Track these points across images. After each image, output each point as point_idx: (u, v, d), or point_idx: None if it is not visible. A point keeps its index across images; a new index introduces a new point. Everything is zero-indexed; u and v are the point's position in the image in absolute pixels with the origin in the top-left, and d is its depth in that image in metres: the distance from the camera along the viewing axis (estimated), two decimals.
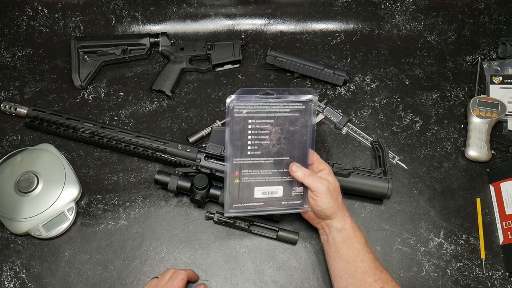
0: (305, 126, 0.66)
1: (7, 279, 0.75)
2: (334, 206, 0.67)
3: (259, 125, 0.65)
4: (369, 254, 0.67)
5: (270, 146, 0.66)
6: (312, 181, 0.66)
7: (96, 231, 0.79)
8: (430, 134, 0.89)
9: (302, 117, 0.66)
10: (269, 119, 0.65)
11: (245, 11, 0.99)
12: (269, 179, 0.68)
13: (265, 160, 0.67)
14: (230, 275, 0.76)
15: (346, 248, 0.67)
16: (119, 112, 0.90)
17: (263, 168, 0.67)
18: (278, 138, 0.66)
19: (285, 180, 0.68)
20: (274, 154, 0.67)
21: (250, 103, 0.64)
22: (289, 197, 0.69)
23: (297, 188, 0.68)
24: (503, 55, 0.95)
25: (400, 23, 0.99)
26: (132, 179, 0.84)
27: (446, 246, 0.79)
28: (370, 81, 0.94)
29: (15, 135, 0.87)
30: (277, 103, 0.65)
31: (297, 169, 0.67)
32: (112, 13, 0.98)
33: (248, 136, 0.65)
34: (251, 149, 0.66)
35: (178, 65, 0.92)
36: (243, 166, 0.67)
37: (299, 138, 0.67)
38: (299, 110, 0.66)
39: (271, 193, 0.68)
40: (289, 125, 0.66)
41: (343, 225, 0.68)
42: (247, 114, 0.64)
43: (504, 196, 0.80)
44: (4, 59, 0.95)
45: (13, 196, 0.77)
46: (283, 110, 0.65)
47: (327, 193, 0.66)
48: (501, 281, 0.76)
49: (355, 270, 0.66)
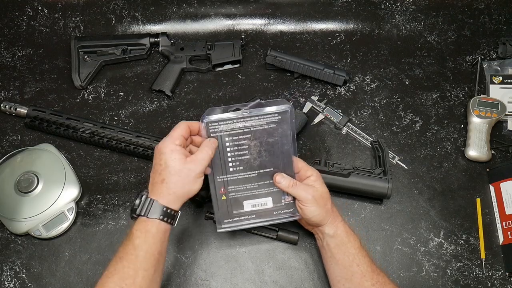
0: (284, 136, 0.65)
1: (7, 279, 0.75)
2: (321, 213, 0.66)
3: (237, 141, 0.65)
4: (365, 258, 0.66)
5: (251, 160, 0.66)
6: (297, 191, 0.65)
7: (96, 231, 0.79)
8: (430, 134, 0.89)
9: (279, 127, 0.65)
10: (246, 134, 0.65)
11: (245, 11, 0.99)
12: (257, 191, 0.68)
13: (249, 174, 0.67)
14: (230, 275, 0.76)
15: (341, 253, 0.66)
16: (119, 112, 0.90)
17: (248, 182, 0.67)
18: (258, 151, 0.66)
19: (273, 190, 0.68)
20: (257, 167, 0.66)
21: (224, 121, 0.64)
22: (280, 207, 0.69)
23: (286, 197, 0.68)
24: (503, 55, 0.95)
25: (400, 23, 0.99)
26: (132, 179, 0.84)
27: (446, 246, 0.79)
28: (370, 81, 0.94)
29: (15, 135, 0.87)
30: (252, 118, 0.64)
31: (281, 179, 0.66)
32: (112, 13, 0.98)
33: (227, 153, 0.65)
34: (232, 165, 0.66)
35: (178, 65, 0.92)
36: (227, 182, 0.67)
37: (280, 148, 0.66)
38: (276, 121, 0.65)
39: (261, 205, 0.68)
40: (267, 137, 0.65)
41: (335, 231, 0.67)
42: (223, 132, 0.64)
43: (504, 196, 0.80)
44: (4, 59, 0.95)
45: (13, 196, 0.77)
46: (259, 124, 0.64)
47: (312, 202, 0.65)
48: (501, 281, 0.76)
49: (352, 275, 0.65)
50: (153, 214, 0.59)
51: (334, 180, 0.78)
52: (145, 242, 0.59)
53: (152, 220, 0.59)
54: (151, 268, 0.58)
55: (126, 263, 0.58)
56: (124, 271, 0.57)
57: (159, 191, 0.60)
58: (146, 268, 0.58)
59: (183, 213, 0.81)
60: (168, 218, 0.60)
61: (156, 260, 0.59)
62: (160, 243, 0.60)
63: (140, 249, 0.58)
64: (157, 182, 0.61)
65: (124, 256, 0.58)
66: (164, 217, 0.60)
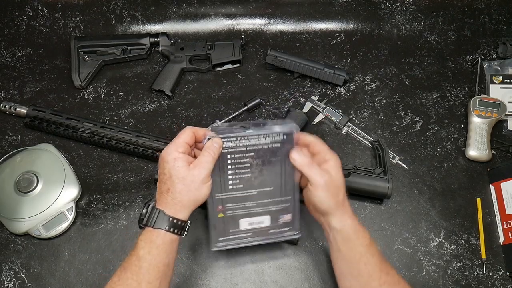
0: (287, 155, 0.63)
1: (7, 279, 0.75)
2: (330, 202, 0.61)
3: (239, 159, 0.62)
4: (374, 257, 0.62)
5: (252, 178, 0.64)
6: (309, 171, 0.61)
7: (96, 231, 0.79)
8: (430, 134, 0.89)
9: (284, 148, 0.63)
10: (249, 153, 0.62)
11: (245, 11, 0.99)
12: (254, 210, 0.66)
13: (249, 192, 0.64)
14: (230, 275, 0.76)
15: (348, 249, 0.63)
16: (119, 112, 0.90)
17: (247, 201, 0.65)
18: (260, 169, 0.63)
19: (271, 209, 0.66)
20: (258, 185, 0.64)
21: (228, 139, 0.61)
22: (277, 226, 0.67)
23: (284, 216, 0.67)
24: (503, 55, 0.95)
25: (400, 23, 0.99)
26: (132, 179, 0.83)
27: (447, 246, 0.79)
28: (370, 81, 0.94)
29: (15, 135, 0.87)
30: (256, 136, 0.62)
31: (297, 155, 0.62)
32: (112, 13, 0.98)
33: (228, 171, 0.63)
34: (232, 183, 0.64)
35: (178, 65, 0.92)
36: (226, 200, 0.64)
37: (283, 167, 0.64)
38: (280, 141, 0.63)
39: (258, 223, 0.67)
40: (270, 156, 0.63)
41: (342, 226, 0.62)
42: (226, 149, 0.61)
43: (505, 196, 0.80)
44: (4, 59, 0.95)
45: (12, 196, 0.77)
46: (263, 142, 0.62)
47: (323, 188, 0.60)
48: (502, 281, 0.76)
49: (358, 273, 0.62)
50: (159, 224, 0.57)
51: None
52: (149, 253, 0.57)
53: (158, 230, 0.57)
54: (156, 280, 0.56)
55: (130, 274, 0.56)
56: (127, 283, 0.56)
57: (165, 201, 0.59)
58: (149, 280, 0.56)
59: None
60: (176, 229, 0.58)
61: (161, 272, 0.57)
62: (166, 254, 0.58)
63: (144, 260, 0.56)
64: (162, 192, 0.59)
65: (128, 266, 0.57)
66: (170, 228, 0.58)
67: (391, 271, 0.63)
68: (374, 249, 0.63)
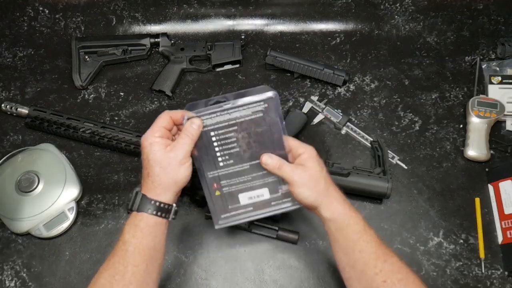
0: (273, 124, 0.61)
1: (8, 278, 0.76)
2: (312, 195, 0.60)
3: (224, 135, 0.62)
4: (368, 244, 0.60)
5: (241, 152, 0.63)
6: (283, 172, 0.61)
7: (97, 230, 0.79)
8: (430, 134, 0.89)
9: (266, 116, 0.61)
10: (232, 126, 0.61)
11: (245, 11, 0.99)
12: (251, 183, 0.65)
13: (241, 166, 0.64)
14: (230, 275, 0.76)
15: (342, 238, 0.61)
16: (119, 112, 0.90)
17: (241, 175, 0.64)
18: (247, 143, 0.62)
19: (268, 181, 0.65)
20: (248, 158, 0.63)
21: (207, 115, 0.60)
22: (278, 197, 0.66)
23: (283, 187, 0.65)
24: (502, 56, 0.96)
25: (399, 23, 1.00)
26: (132, 179, 0.84)
27: (446, 246, 0.79)
28: (370, 81, 0.95)
29: (16, 135, 0.87)
30: (236, 109, 0.60)
31: (268, 159, 0.62)
32: (113, 14, 0.98)
33: (215, 148, 0.62)
34: (222, 160, 0.63)
35: (178, 65, 0.93)
36: (219, 177, 0.64)
37: (270, 137, 0.62)
38: (262, 110, 0.61)
39: (258, 197, 0.66)
40: (255, 127, 0.61)
41: (332, 214, 0.61)
42: (208, 127, 0.61)
43: (503, 195, 0.80)
44: (5, 60, 0.95)
45: (13, 195, 0.78)
46: (244, 114, 0.61)
47: (299, 183, 0.60)
48: (500, 280, 0.76)
49: (355, 261, 0.60)
50: (142, 208, 0.58)
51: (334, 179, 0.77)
52: (133, 237, 0.57)
53: (141, 214, 0.58)
54: (142, 263, 0.57)
55: (117, 258, 0.57)
56: (115, 267, 0.56)
57: (146, 185, 0.59)
58: (136, 263, 0.56)
59: (183, 212, 0.81)
60: (159, 211, 0.58)
61: (147, 255, 0.57)
62: (151, 237, 0.58)
63: (129, 244, 0.57)
64: (144, 177, 0.60)
65: (116, 251, 0.58)
66: (154, 211, 0.58)
67: (390, 259, 0.60)
68: (369, 235, 0.61)
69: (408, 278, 0.59)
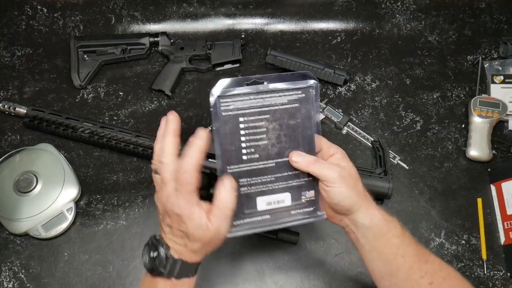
0: (307, 118, 0.54)
1: (6, 279, 0.75)
2: (352, 195, 0.53)
3: (253, 123, 0.53)
4: (409, 247, 0.55)
5: (269, 146, 0.54)
6: (319, 168, 0.53)
7: (96, 231, 0.79)
8: (431, 134, 0.89)
9: (303, 107, 0.54)
10: (264, 114, 0.53)
11: (245, 10, 0.99)
12: (273, 186, 0.56)
13: (265, 164, 0.55)
14: (230, 275, 0.76)
15: (382, 246, 0.55)
16: (118, 111, 0.90)
17: (264, 174, 0.55)
18: (277, 135, 0.54)
19: (291, 184, 0.56)
20: (275, 155, 0.55)
21: (239, 97, 0.52)
22: (299, 205, 0.57)
23: (307, 193, 0.57)
24: (504, 55, 0.95)
25: (400, 22, 0.99)
26: (131, 179, 0.83)
27: (447, 246, 0.79)
28: (371, 81, 0.94)
29: (14, 135, 0.87)
30: (271, 94, 0.53)
31: (298, 157, 0.54)
32: (112, 13, 0.97)
33: (241, 137, 0.53)
34: (247, 153, 0.54)
35: (178, 65, 0.92)
36: (240, 174, 0.54)
37: (303, 132, 0.54)
38: (299, 100, 0.53)
39: (278, 203, 0.56)
40: (288, 118, 0.54)
41: (371, 220, 0.54)
42: (237, 111, 0.53)
43: (505, 196, 0.79)
44: (3, 59, 0.94)
45: (12, 196, 0.77)
46: (279, 102, 0.53)
47: (340, 181, 0.53)
48: (503, 282, 0.76)
49: (397, 268, 0.55)
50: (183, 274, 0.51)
51: None
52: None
53: (182, 280, 0.52)
54: None
55: None
56: None
57: (184, 252, 0.52)
58: None
59: None
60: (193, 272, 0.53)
61: None
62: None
63: None
64: (178, 244, 0.52)
65: None
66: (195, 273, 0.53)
67: (430, 257, 0.56)
68: (408, 237, 0.56)
69: (450, 274, 0.56)
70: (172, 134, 0.53)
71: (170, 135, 0.53)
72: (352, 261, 0.77)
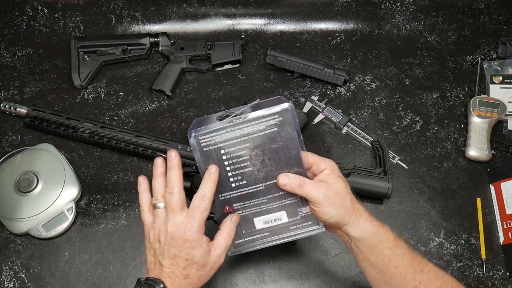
0: (290, 139, 0.56)
1: (7, 279, 0.75)
2: (339, 213, 0.56)
3: (235, 153, 0.56)
4: (403, 258, 0.57)
5: (255, 172, 0.57)
6: (306, 191, 0.56)
7: (96, 231, 0.79)
8: (430, 134, 0.89)
9: (283, 130, 0.55)
10: (244, 143, 0.56)
11: (245, 11, 0.99)
12: (267, 206, 0.59)
13: (255, 188, 0.58)
14: (230, 275, 0.76)
15: (374, 256, 0.57)
16: (119, 112, 0.90)
17: (255, 197, 0.59)
18: (261, 160, 0.57)
19: (285, 203, 0.59)
20: (263, 179, 0.58)
21: (216, 132, 0.55)
22: (297, 220, 0.60)
23: (303, 209, 0.59)
24: (503, 55, 0.95)
25: (400, 23, 0.99)
26: (132, 179, 0.83)
27: (447, 246, 0.79)
28: (370, 81, 0.94)
29: (15, 135, 0.87)
30: (247, 124, 0.55)
31: (285, 179, 0.56)
32: (112, 13, 0.98)
33: (226, 168, 0.57)
34: (234, 181, 0.58)
35: (178, 65, 0.92)
36: (231, 200, 0.59)
37: (287, 154, 0.57)
38: (276, 124, 0.55)
39: (275, 221, 0.60)
40: (269, 143, 0.56)
41: (362, 233, 0.57)
42: (217, 144, 0.56)
43: (505, 195, 0.80)
44: (4, 59, 0.94)
45: (12, 196, 0.77)
46: (257, 129, 0.55)
47: (325, 201, 0.55)
48: (502, 281, 0.76)
49: (391, 278, 0.57)
50: None
51: None
52: None
53: None
54: None
55: None
56: None
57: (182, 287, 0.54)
58: None
59: None
60: None
61: None
62: None
63: None
64: (178, 277, 0.54)
65: None
66: None
67: (426, 267, 0.57)
68: (402, 248, 0.58)
69: (447, 283, 0.57)
70: (178, 168, 0.57)
71: (176, 169, 0.57)
72: (351, 261, 0.77)
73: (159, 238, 0.56)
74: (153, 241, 0.56)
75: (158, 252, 0.56)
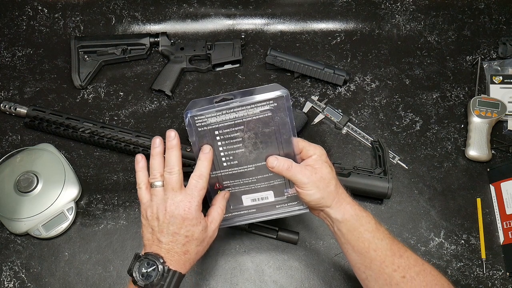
0: (282, 124, 0.58)
1: (7, 279, 0.75)
2: (322, 196, 0.59)
3: (228, 134, 0.59)
4: (382, 241, 0.59)
5: (246, 153, 0.60)
6: (293, 174, 0.58)
7: (96, 231, 0.79)
8: (430, 134, 0.89)
9: (276, 116, 0.57)
10: (238, 126, 0.58)
11: (245, 11, 0.99)
12: (255, 186, 0.63)
13: (245, 168, 0.61)
14: (230, 275, 0.76)
15: (355, 239, 0.59)
16: (119, 112, 0.90)
17: (245, 177, 0.62)
18: (253, 143, 0.59)
19: (273, 184, 0.63)
20: (253, 160, 0.61)
21: (211, 113, 0.57)
22: (283, 200, 0.64)
23: (289, 190, 0.63)
24: (503, 55, 0.95)
25: (400, 23, 0.99)
26: (132, 179, 0.83)
27: (447, 246, 0.79)
28: (370, 81, 0.94)
29: (15, 135, 0.87)
30: (242, 107, 0.57)
31: (274, 161, 0.58)
32: (112, 13, 0.98)
33: (219, 148, 0.60)
34: (226, 160, 0.61)
35: (178, 65, 0.92)
36: (222, 178, 0.62)
37: (278, 138, 0.59)
38: (271, 109, 0.57)
39: (262, 199, 0.64)
40: (263, 127, 0.58)
41: (343, 215, 0.59)
42: (212, 125, 0.58)
43: (505, 195, 0.80)
44: (4, 59, 0.95)
45: (12, 196, 0.77)
46: (252, 113, 0.57)
47: (309, 184, 0.58)
48: (502, 281, 0.76)
49: (371, 261, 0.59)
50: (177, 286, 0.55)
51: None
52: None
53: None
54: None
55: None
56: None
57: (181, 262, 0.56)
58: None
59: None
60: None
61: None
62: None
63: None
64: (177, 253, 0.56)
65: None
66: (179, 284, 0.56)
67: (405, 253, 0.59)
68: (382, 233, 0.60)
69: (425, 270, 0.59)
70: (177, 148, 0.59)
71: (176, 149, 0.58)
72: None
73: (157, 216, 0.57)
74: (151, 219, 0.57)
75: (157, 229, 0.57)
